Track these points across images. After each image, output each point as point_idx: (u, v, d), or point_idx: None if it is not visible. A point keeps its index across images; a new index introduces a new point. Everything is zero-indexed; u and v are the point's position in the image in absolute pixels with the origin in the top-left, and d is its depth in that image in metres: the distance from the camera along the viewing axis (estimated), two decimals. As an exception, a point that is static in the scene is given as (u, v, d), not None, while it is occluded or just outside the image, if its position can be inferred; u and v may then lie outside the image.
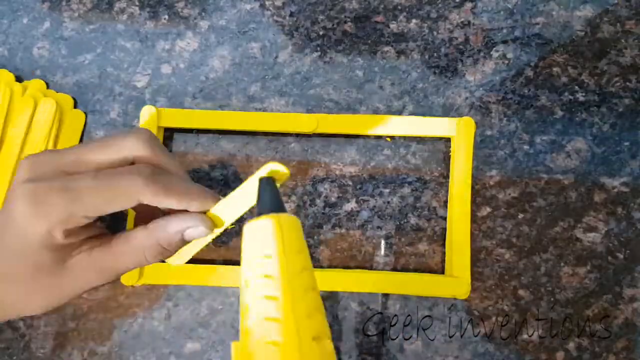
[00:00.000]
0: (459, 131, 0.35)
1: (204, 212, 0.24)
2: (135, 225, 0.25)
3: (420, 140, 0.37)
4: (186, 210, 0.24)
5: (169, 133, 0.37)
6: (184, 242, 0.24)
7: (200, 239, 0.25)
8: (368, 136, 0.37)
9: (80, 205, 0.21)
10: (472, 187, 0.35)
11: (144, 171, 0.23)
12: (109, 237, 0.24)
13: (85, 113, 0.37)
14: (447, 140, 0.37)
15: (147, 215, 0.25)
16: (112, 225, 0.36)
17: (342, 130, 0.36)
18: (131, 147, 0.23)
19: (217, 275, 0.34)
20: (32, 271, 0.22)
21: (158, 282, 0.35)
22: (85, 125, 0.37)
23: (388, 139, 0.37)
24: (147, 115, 0.35)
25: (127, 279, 0.34)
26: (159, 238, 0.23)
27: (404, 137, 0.37)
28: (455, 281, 0.34)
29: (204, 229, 0.24)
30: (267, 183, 0.23)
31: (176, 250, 0.25)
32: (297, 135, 0.37)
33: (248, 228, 0.22)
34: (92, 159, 0.23)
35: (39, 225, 0.21)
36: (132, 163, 0.24)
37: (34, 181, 0.22)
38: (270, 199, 0.22)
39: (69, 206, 0.21)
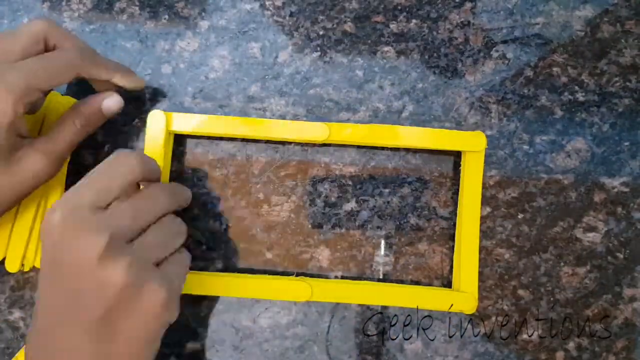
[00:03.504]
0: (469, 146, 0.34)
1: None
2: None
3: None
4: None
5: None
6: (102, 116, 0.32)
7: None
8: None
9: (35, 79, 0.27)
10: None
11: (76, 49, 0.30)
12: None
13: (85, 113, 0.37)
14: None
15: None
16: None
17: (353, 141, 0.35)
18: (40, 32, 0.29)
19: (230, 286, 0.33)
20: None
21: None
22: (85, 125, 0.37)
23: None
24: (156, 120, 0.34)
25: None
26: (81, 107, 0.31)
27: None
28: (463, 296, 0.33)
29: (117, 96, 0.32)
30: None
31: (94, 125, 0.32)
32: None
33: None
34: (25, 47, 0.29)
35: (6, 101, 0.26)
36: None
37: None
38: None
39: (28, 80, 0.27)
